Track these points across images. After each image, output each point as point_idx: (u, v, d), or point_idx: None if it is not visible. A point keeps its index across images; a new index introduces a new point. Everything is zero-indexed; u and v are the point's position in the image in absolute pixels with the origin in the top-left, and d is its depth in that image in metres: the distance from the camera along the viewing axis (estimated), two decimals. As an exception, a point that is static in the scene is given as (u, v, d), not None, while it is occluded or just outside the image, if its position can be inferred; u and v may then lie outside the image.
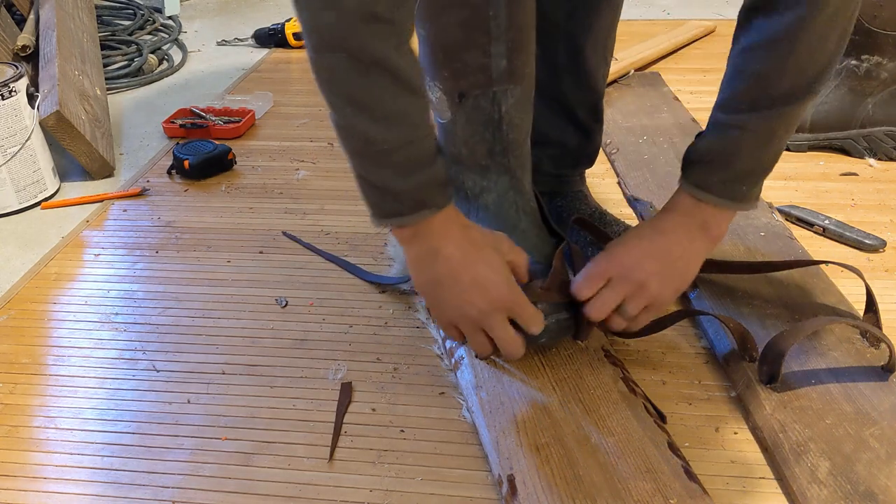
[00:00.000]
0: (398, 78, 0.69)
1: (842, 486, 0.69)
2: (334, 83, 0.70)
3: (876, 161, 1.31)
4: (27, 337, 0.99)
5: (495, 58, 0.81)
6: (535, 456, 0.73)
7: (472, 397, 0.82)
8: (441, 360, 0.90)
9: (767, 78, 0.76)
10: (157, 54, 1.98)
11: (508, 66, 0.82)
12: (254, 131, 1.55)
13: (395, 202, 0.74)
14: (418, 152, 0.73)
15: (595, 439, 0.75)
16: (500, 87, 0.82)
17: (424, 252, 0.77)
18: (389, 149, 0.71)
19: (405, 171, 0.73)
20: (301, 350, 0.94)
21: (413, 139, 0.72)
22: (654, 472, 0.71)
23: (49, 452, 0.81)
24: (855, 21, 0.75)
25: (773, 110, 0.77)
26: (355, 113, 0.70)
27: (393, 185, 0.73)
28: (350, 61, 0.67)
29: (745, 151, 0.79)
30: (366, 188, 0.75)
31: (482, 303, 0.77)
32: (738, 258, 1.01)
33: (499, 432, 0.77)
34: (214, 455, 0.80)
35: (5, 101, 1.24)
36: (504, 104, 0.83)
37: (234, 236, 1.19)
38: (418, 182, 0.73)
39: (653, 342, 0.91)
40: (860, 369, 0.82)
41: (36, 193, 1.31)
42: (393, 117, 0.70)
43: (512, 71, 0.82)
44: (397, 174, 0.73)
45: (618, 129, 1.40)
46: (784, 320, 0.89)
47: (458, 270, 0.76)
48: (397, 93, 0.69)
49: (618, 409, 0.79)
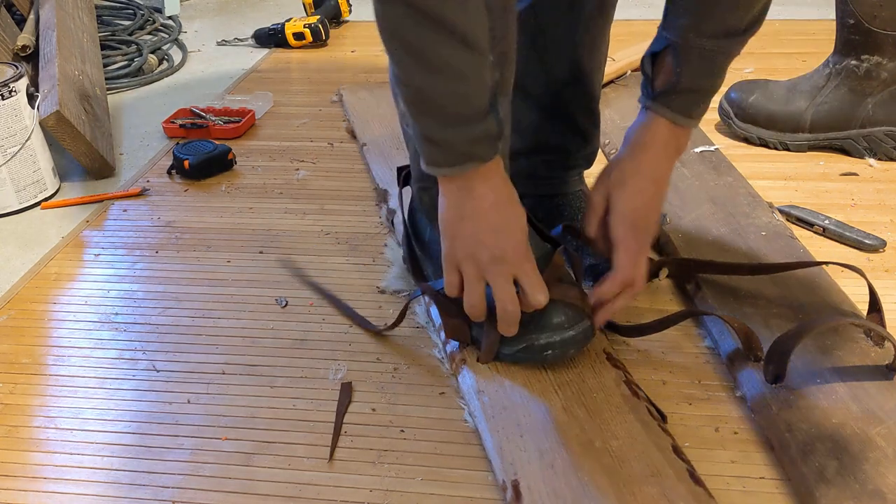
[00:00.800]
0: (458, 32, 0.70)
1: (850, 486, 0.69)
2: (396, 33, 0.71)
3: (876, 161, 1.30)
4: (27, 337, 0.99)
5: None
6: (538, 461, 0.73)
7: (474, 401, 0.82)
8: (442, 363, 0.90)
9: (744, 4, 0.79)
10: (157, 54, 1.98)
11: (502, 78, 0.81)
12: (254, 131, 1.55)
13: (444, 153, 0.76)
14: (472, 108, 0.74)
15: (599, 443, 0.74)
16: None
17: (459, 187, 0.78)
18: (442, 102, 0.73)
19: (456, 125, 0.74)
20: (301, 350, 0.94)
21: (468, 94, 0.73)
22: (659, 476, 0.71)
23: (49, 452, 0.81)
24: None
25: (745, 35, 0.81)
26: (413, 63, 0.72)
27: (443, 137, 0.75)
28: (412, 12, 0.68)
29: (721, 75, 0.84)
30: (418, 137, 0.77)
31: (497, 249, 0.77)
32: (739, 258, 1.01)
33: (502, 437, 0.76)
34: (214, 455, 0.80)
35: (5, 101, 1.24)
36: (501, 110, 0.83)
37: (234, 236, 1.19)
38: (468, 136, 0.75)
39: (654, 342, 0.91)
40: (865, 368, 0.82)
41: (36, 193, 1.31)
42: (449, 71, 0.71)
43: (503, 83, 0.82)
44: (448, 126, 0.74)
45: (616, 129, 1.40)
46: (788, 320, 0.89)
47: (486, 211, 0.77)
48: (456, 47, 0.70)
49: (621, 413, 0.78)
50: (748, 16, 0.80)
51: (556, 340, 0.82)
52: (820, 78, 1.33)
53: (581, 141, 1.09)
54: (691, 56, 0.82)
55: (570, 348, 0.83)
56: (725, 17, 0.80)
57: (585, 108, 1.07)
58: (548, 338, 0.82)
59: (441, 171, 0.77)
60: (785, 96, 1.35)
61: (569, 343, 0.82)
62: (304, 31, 1.98)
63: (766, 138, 1.36)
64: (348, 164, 1.39)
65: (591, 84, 1.06)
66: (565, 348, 0.82)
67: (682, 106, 0.84)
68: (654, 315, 0.91)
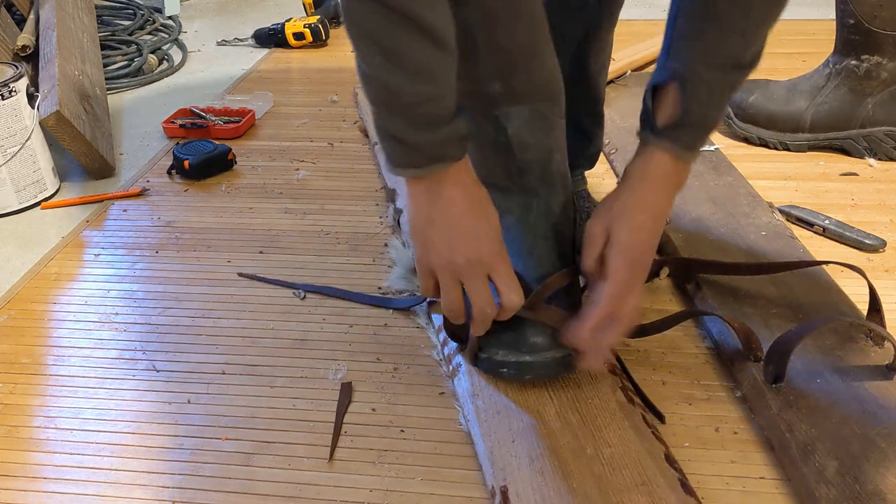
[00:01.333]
0: (428, 31, 0.69)
1: (850, 486, 0.69)
2: (365, 30, 0.70)
3: (876, 161, 1.30)
4: (27, 337, 0.99)
5: (485, 82, 0.79)
6: (529, 467, 0.72)
7: (469, 405, 0.81)
8: (440, 365, 0.90)
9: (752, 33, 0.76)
10: (157, 54, 1.98)
11: (504, 87, 0.80)
12: (254, 131, 1.55)
13: (411, 154, 0.74)
14: (440, 108, 0.73)
15: (591, 451, 0.74)
16: (502, 111, 0.81)
17: (428, 190, 0.76)
18: (412, 102, 0.71)
19: (425, 126, 0.72)
20: (301, 350, 0.94)
21: (436, 95, 0.72)
22: (649, 484, 0.70)
23: (49, 452, 0.81)
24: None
25: (750, 68, 0.78)
26: (383, 63, 0.70)
27: (411, 138, 0.73)
28: (382, 10, 0.67)
29: (724, 109, 0.82)
30: (384, 137, 0.75)
31: (471, 252, 0.75)
32: (739, 258, 1.01)
33: (493, 442, 0.76)
34: (214, 455, 0.80)
35: (5, 101, 1.24)
36: (509, 127, 0.81)
37: (234, 236, 1.18)
38: (437, 138, 0.73)
39: (653, 342, 0.91)
40: (865, 368, 0.82)
41: (36, 193, 1.31)
42: (419, 71, 0.70)
43: (511, 92, 0.80)
44: (417, 127, 0.72)
45: (616, 129, 1.40)
46: (788, 320, 0.89)
47: (456, 216, 0.75)
48: (426, 46, 0.69)
49: (615, 420, 0.77)
50: (754, 47, 0.77)
51: (511, 360, 0.80)
52: (820, 78, 1.33)
53: (585, 141, 1.09)
54: (700, 89, 0.78)
55: (526, 373, 0.80)
56: (733, 47, 0.76)
57: (590, 110, 1.07)
58: (504, 356, 0.80)
59: (409, 172, 0.75)
60: (785, 96, 1.35)
61: (524, 368, 0.80)
62: (304, 31, 1.98)
63: (766, 138, 1.36)
64: (348, 164, 1.39)
65: (596, 85, 1.05)
66: (520, 371, 0.80)
67: (688, 140, 0.80)
68: (655, 315, 0.91)
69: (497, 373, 0.82)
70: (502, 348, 0.81)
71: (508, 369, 0.81)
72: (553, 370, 0.81)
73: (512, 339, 0.81)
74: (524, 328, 0.81)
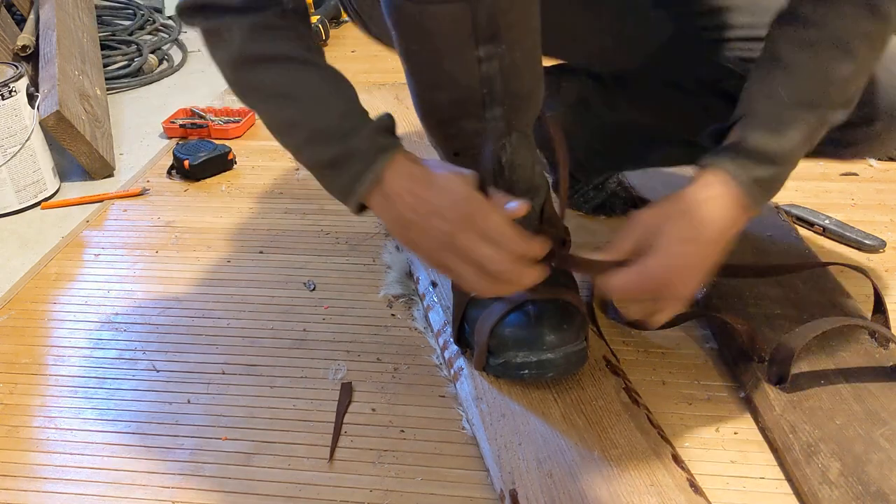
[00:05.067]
0: (294, 58, 0.74)
1: (853, 487, 0.69)
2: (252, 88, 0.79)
3: (876, 161, 1.30)
4: (27, 337, 0.99)
5: (491, 122, 0.78)
6: (537, 470, 0.72)
7: (472, 409, 0.81)
8: (440, 370, 0.90)
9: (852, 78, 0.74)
10: (157, 54, 1.98)
11: (507, 126, 0.78)
12: (254, 131, 1.54)
13: (347, 170, 0.75)
14: (326, 125, 0.75)
15: (598, 452, 0.74)
16: (498, 143, 0.79)
17: (384, 196, 0.74)
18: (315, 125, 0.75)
19: (340, 138, 0.74)
20: (301, 350, 0.94)
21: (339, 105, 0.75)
22: (658, 485, 0.70)
23: (49, 452, 0.81)
24: None
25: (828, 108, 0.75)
26: (279, 106, 0.77)
27: (339, 153, 0.75)
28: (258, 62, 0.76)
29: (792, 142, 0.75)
30: (319, 172, 0.78)
31: (444, 224, 0.71)
32: (745, 258, 1.00)
33: (500, 445, 0.75)
34: (214, 455, 0.79)
35: (5, 101, 1.24)
36: (504, 156, 0.80)
37: (234, 236, 1.18)
38: (358, 142, 0.74)
39: (654, 342, 0.91)
40: (869, 370, 0.82)
41: (36, 193, 1.31)
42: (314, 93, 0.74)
43: (510, 127, 0.79)
44: (336, 141, 0.74)
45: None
46: (792, 321, 0.88)
47: (411, 205, 0.72)
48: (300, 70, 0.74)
49: (620, 421, 0.77)
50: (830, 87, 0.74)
51: (532, 361, 0.79)
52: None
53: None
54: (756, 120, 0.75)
55: (549, 371, 0.79)
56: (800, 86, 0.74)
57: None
58: (525, 357, 0.79)
59: (360, 189, 0.74)
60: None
61: (546, 366, 0.79)
62: (304, 31, 1.98)
63: (767, 138, 1.36)
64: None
65: None
66: (542, 370, 0.79)
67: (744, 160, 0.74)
68: (656, 315, 0.91)
69: (517, 376, 0.80)
70: (521, 350, 0.80)
71: (530, 370, 0.80)
72: (574, 364, 0.81)
73: (528, 339, 0.80)
74: (539, 327, 0.80)
